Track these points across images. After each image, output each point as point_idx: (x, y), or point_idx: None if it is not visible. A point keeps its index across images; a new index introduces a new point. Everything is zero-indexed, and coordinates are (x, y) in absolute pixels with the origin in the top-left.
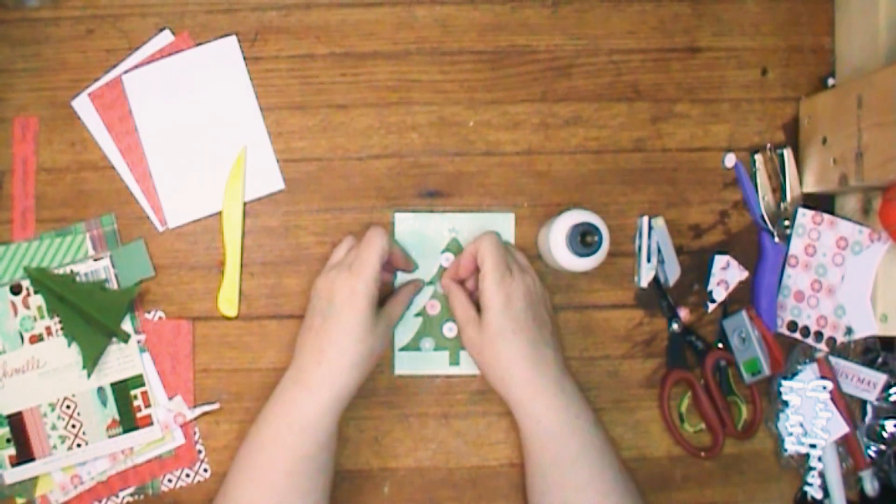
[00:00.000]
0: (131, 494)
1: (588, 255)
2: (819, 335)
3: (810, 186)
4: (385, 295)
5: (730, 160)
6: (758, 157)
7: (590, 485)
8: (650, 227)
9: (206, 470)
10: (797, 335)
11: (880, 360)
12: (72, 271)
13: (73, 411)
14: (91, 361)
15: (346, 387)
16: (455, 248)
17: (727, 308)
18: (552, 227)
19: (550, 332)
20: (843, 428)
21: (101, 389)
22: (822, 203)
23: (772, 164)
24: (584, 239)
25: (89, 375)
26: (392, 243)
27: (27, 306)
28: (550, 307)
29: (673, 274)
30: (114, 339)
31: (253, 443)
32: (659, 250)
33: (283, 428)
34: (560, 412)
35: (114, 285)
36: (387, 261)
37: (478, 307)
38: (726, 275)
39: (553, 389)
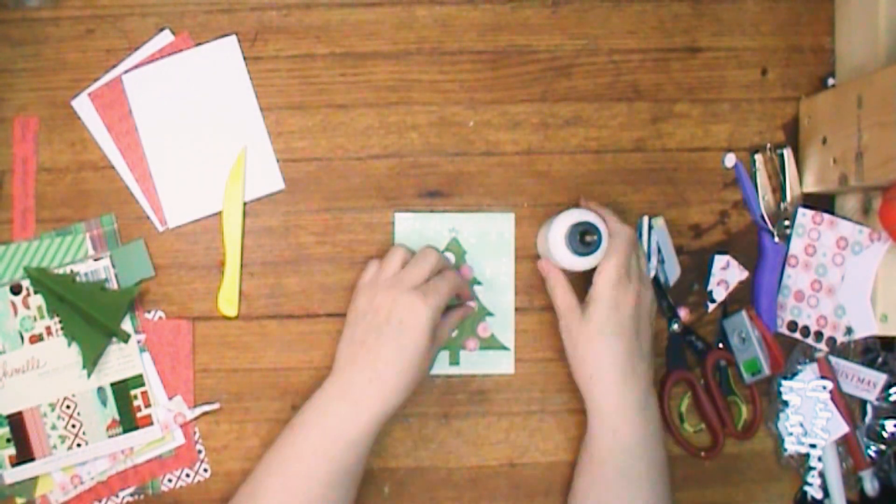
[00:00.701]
0: (131, 494)
1: (587, 254)
2: (819, 335)
3: (810, 186)
4: None
5: (730, 160)
6: (758, 157)
7: (649, 503)
8: (650, 227)
9: (206, 470)
10: (797, 335)
11: (880, 360)
12: (72, 271)
13: (73, 411)
14: (91, 361)
15: (394, 406)
16: (455, 248)
17: (727, 308)
18: (551, 227)
19: (647, 344)
20: (843, 428)
21: (101, 389)
22: (822, 203)
23: (772, 164)
24: (583, 238)
25: (89, 375)
26: (466, 286)
27: (27, 306)
28: (653, 322)
29: (673, 274)
30: (114, 339)
31: (291, 451)
32: (659, 250)
33: (327, 442)
34: (638, 427)
35: (114, 285)
36: None
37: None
38: (726, 275)
39: (638, 404)
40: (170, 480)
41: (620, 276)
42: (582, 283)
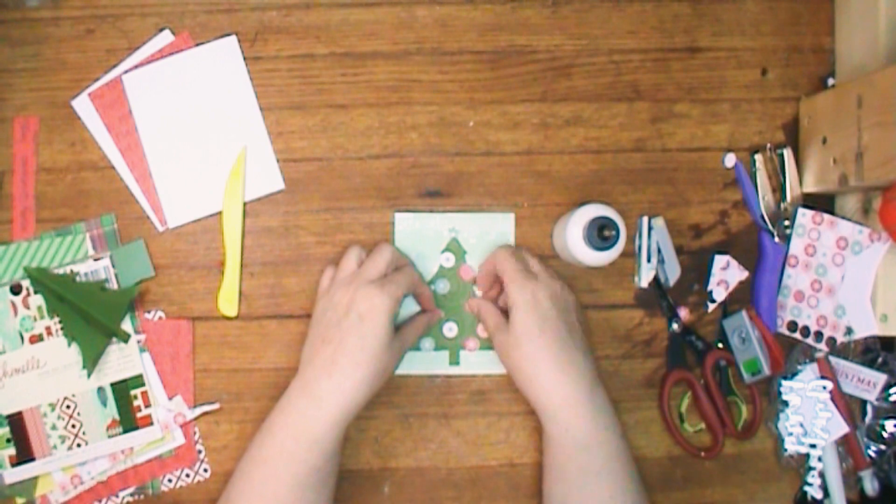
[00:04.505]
0: (131, 494)
1: (606, 248)
2: (819, 335)
3: (810, 186)
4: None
5: (730, 160)
6: (758, 157)
7: (613, 499)
8: (650, 227)
9: (206, 470)
10: (797, 335)
11: (880, 360)
12: (72, 271)
13: (73, 411)
14: (91, 361)
15: (355, 401)
16: (455, 248)
17: (727, 308)
18: (569, 223)
19: (581, 338)
20: (843, 428)
21: (101, 389)
22: (822, 203)
23: (772, 164)
24: (601, 233)
25: (89, 375)
26: (425, 284)
27: (27, 306)
28: (583, 317)
29: (673, 274)
30: (114, 339)
31: (258, 454)
32: (659, 250)
33: (290, 441)
34: (589, 422)
35: (114, 285)
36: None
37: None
38: (726, 275)
39: (583, 397)
40: (170, 480)
41: (524, 278)
42: (582, 283)
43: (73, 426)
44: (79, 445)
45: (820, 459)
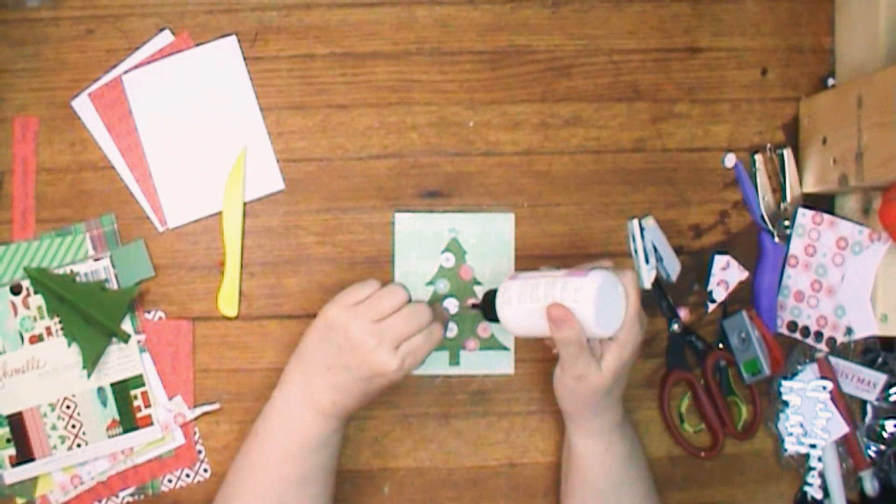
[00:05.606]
0: (131, 494)
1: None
2: (819, 335)
3: (810, 186)
4: None
5: (730, 160)
6: (758, 157)
7: (644, 500)
8: (642, 228)
9: (206, 470)
10: (797, 335)
11: (880, 360)
12: (72, 271)
13: (73, 411)
14: (91, 361)
15: (357, 410)
16: (455, 248)
17: (727, 308)
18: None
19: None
20: (843, 428)
21: (101, 389)
22: (822, 203)
23: (772, 164)
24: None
25: (89, 375)
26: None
27: (27, 306)
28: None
29: (674, 269)
30: (114, 339)
31: (260, 457)
32: (655, 249)
33: (296, 446)
34: (628, 440)
35: (114, 285)
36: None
37: None
38: (726, 275)
39: (623, 419)
40: (170, 481)
41: (641, 323)
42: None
43: (73, 426)
44: (79, 445)
45: (820, 459)
